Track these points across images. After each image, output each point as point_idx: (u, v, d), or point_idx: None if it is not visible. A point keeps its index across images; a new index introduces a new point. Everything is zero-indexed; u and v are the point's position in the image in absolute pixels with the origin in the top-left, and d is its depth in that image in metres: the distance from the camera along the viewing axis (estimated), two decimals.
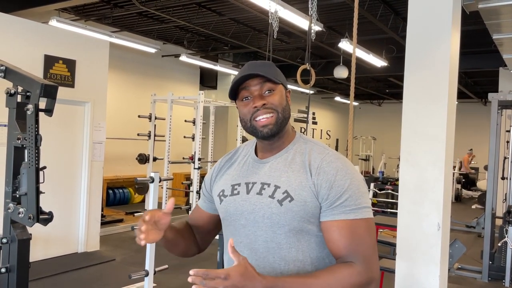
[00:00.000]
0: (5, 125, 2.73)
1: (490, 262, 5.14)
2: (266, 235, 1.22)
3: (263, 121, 1.23)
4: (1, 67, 2.53)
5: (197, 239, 1.45)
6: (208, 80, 11.95)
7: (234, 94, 1.28)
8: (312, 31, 3.67)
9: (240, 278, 1.00)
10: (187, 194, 8.19)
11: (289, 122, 1.31)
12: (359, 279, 1.14)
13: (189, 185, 6.99)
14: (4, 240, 2.48)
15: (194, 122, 6.94)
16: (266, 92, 1.24)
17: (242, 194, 1.28)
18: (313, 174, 1.21)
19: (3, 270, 2.45)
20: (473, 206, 11.40)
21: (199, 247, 1.46)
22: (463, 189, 13.15)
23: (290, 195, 1.20)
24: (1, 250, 2.53)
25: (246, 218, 1.26)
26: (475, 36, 7.28)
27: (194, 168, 6.59)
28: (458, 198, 12.39)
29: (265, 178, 1.26)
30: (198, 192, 6.64)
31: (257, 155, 1.33)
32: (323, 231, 1.21)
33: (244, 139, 7.73)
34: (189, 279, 0.98)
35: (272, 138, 1.26)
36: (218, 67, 10.30)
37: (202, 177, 7.80)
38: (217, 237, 3.47)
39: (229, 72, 10.93)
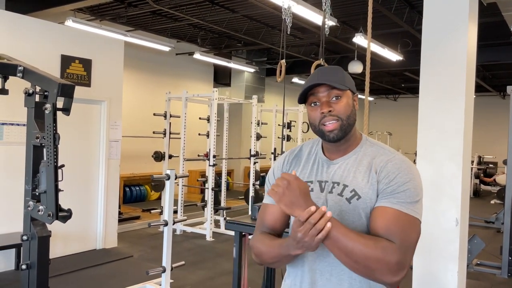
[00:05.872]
0: (24, 125, 2.78)
1: (510, 258, 5.06)
2: None
3: (330, 126, 1.31)
4: (20, 68, 2.58)
5: None
6: (222, 77, 11.97)
7: (303, 99, 1.36)
8: (326, 26, 3.64)
9: None
10: (202, 191, 8.24)
11: (355, 127, 1.38)
12: (394, 256, 1.18)
13: (205, 182, 7.03)
14: (25, 237, 2.53)
15: (208, 120, 6.96)
16: (333, 99, 1.31)
17: (316, 191, 1.35)
18: (378, 172, 1.29)
19: (24, 266, 2.51)
20: (492, 201, 11.21)
21: None
22: (481, 184, 12.94)
23: (357, 193, 1.29)
24: (22, 247, 2.58)
25: None
26: (493, 28, 7.14)
27: (209, 165, 6.62)
28: (476, 193, 12.20)
29: (335, 177, 1.34)
30: (213, 189, 6.67)
31: (324, 155, 1.41)
32: (371, 214, 1.27)
33: (258, 136, 7.73)
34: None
35: (338, 141, 1.33)
36: (231, 64, 10.31)
37: (217, 174, 7.83)
38: (232, 233, 3.48)
39: (242, 69, 10.93)
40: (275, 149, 8.37)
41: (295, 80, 12.29)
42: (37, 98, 2.51)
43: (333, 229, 1.16)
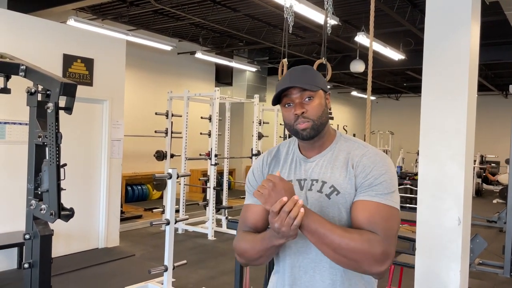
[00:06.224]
0: (26, 124, 2.78)
1: None
2: None
3: (303, 125, 1.36)
4: (22, 67, 2.58)
5: None
6: (223, 76, 11.97)
7: (277, 100, 1.40)
8: (328, 25, 3.64)
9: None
10: (204, 190, 8.24)
11: (328, 124, 1.43)
12: (379, 247, 1.22)
13: (206, 181, 7.03)
14: (27, 236, 2.53)
15: (210, 119, 6.96)
16: (306, 99, 1.36)
17: (296, 190, 1.37)
18: (354, 167, 1.34)
19: (26, 265, 2.51)
20: (494, 201, 11.20)
21: None
22: (484, 184, 12.92)
23: (336, 189, 1.33)
24: (24, 246, 2.58)
25: None
26: (495, 27, 7.12)
27: (211, 165, 6.62)
28: (478, 193, 12.18)
29: (313, 175, 1.39)
30: (215, 188, 6.67)
31: (301, 153, 1.45)
32: (352, 209, 1.31)
33: (260, 135, 7.73)
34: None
35: (311, 139, 1.39)
36: (233, 64, 10.31)
37: (219, 173, 7.82)
38: (234, 232, 3.47)
39: (244, 68, 10.93)
40: None
41: None
42: (39, 97, 2.52)
43: (319, 226, 1.21)
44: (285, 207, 1.16)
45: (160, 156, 7.05)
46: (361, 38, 7.10)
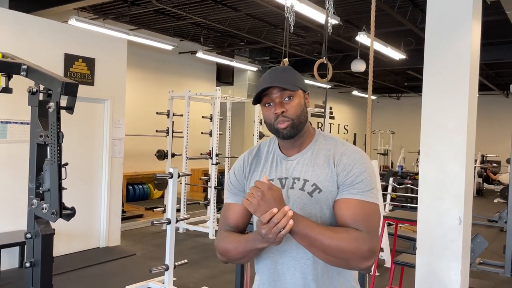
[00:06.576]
0: (28, 123, 2.79)
1: None
2: None
3: (283, 125, 1.38)
4: (23, 66, 2.58)
5: None
6: (224, 76, 11.97)
7: (257, 99, 1.43)
8: (329, 24, 3.64)
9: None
10: (205, 190, 8.25)
11: (308, 122, 1.45)
12: (366, 244, 1.25)
13: (207, 181, 7.04)
14: (28, 235, 2.54)
15: (211, 118, 6.97)
16: (286, 99, 1.38)
17: None
18: (335, 165, 1.37)
19: (27, 264, 2.52)
20: (495, 200, 11.19)
21: None
22: (484, 183, 12.91)
23: (318, 187, 1.36)
24: (25, 245, 2.59)
25: None
26: (496, 27, 7.12)
27: (212, 164, 6.63)
28: (479, 192, 12.17)
29: (295, 173, 1.41)
30: (216, 188, 6.68)
31: (282, 152, 1.47)
32: (335, 207, 1.34)
33: (261, 135, 7.74)
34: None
35: (291, 138, 1.41)
36: (234, 63, 10.31)
37: (220, 172, 7.82)
38: None
39: (245, 68, 10.93)
40: None
41: None
42: (41, 96, 2.53)
43: (309, 231, 1.23)
44: (274, 219, 1.17)
45: (161, 155, 7.05)
46: (362, 38, 7.10)
